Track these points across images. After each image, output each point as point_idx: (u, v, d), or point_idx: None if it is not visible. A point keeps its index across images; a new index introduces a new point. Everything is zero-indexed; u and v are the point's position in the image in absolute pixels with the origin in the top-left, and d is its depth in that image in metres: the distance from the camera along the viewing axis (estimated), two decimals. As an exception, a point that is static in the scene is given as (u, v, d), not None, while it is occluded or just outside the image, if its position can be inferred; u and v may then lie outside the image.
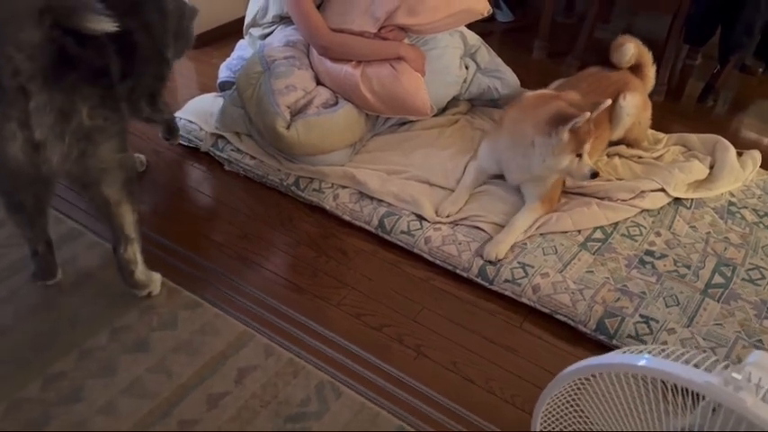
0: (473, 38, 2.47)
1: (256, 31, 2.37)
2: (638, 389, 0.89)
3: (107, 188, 1.46)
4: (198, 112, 2.32)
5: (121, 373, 1.46)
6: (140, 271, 1.62)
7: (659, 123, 2.39)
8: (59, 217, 1.86)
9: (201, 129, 2.25)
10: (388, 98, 2.16)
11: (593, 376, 0.95)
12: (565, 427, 1.10)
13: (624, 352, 0.92)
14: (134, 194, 1.54)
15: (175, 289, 1.68)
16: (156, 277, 1.67)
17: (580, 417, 1.03)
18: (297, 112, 2.10)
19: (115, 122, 1.43)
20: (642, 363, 0.88)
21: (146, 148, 2.18)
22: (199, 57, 2.74)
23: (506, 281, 1.78)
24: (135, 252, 1.59)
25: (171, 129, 2.14)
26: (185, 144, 2.25)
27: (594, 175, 1.87)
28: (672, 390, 0.85)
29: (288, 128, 2.05)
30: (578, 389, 0.99)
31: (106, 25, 1.32)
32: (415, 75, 2.19)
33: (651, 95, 2.34)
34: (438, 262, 1.86)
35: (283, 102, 2.07)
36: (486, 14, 2.28)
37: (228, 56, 2.48)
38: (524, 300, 1.75)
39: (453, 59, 2.35)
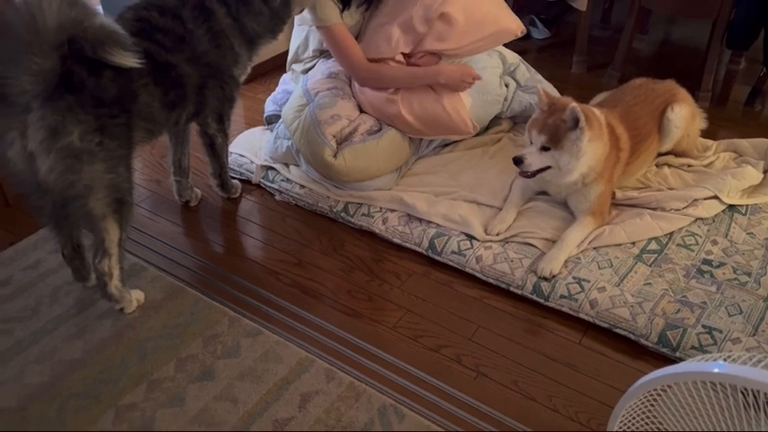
0: (512, 56, 2.49)
1: (298, 66, 2.44)
2: (717, 398, 0.88)
3: (92, 202, 1.54)
4: (247, 145, 2.39)
5: (190, 403, 1.50)
6: (113, 285, 1.68)
7: (706, 130, 2.35)
8: (121, 253, 1.93)
9: (252, 162, 2.31)
10: (429, 120, 2.20)
11: (669, 387, 0.93)
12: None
13: (699, 360, 0.91)
14: (122, 214, 1.61)
15: (236, 317, 1.72)
16: (132, 297, 1.74)
17: (658, 428, 1.01)
18: (342, 140, 2.15)
19: (111, 149, 1.52)
20: (717, 370, 0.87)
21: (200, 182, 2.25)
22: (245, 92, 2.82)
23: (562, 297, 1.76)
24: (111, 267, 1.65)
25: (224, 182, 2.19)
26: (237, 177, 2.31)
27: (516, 161, 1.89)
28: (753, 398, 0.83)
29: (335, 156, 2.10)
30: (654, 400, 0.98)
31: (129, 61, 1.45)
32: (455, 94, 2.21)
33: (696, 102, 2.30)
34: (491, 280, 1.86)
35: (329, 131, 2.12)
36: (520, 34, 2.29)
37: (273, 90, 2.55)
38: (582, 315, 1.73)
39: (493, 79, 2.37)
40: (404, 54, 2.22)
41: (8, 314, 1.72)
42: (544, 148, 1.87)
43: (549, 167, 1.90)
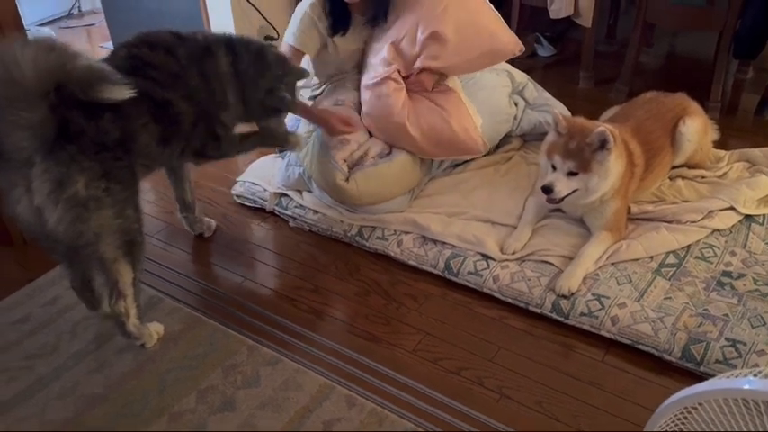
0: (520, 75, 2.50)
1: (306, 93, 2.46)
2: (750, 415, 0.86)
3: (103, 247, 1.52)
4: (260, 174, 2.40)
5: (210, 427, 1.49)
6: (131, 324, 1.67)
7: (718, 140, 2.35)
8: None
9: (265, 190, 2.32)
10: (438, 140, 2.20)
11: (700, 404, 0.92)
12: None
13: (728, 376, 0.90)
14: (134, 255, 1.60)
15: (255, 346, 1.72)
16: (151, 331, 1.73)
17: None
18: (354, 164, 2.15)
19: (117, 192, 1.50)
20: (747, 386, 0.85)
21: (214, 212, 2.27)
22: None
23: (582, 314, 1.75)
24: (127, 307, 1.64)
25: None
26: (251, 205, 2.33)
27: (545, 189, 1.87)
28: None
29: (347, 180, 2.11)
30: (685, 418, 0.96)
31: (122, 93, 1.42)
32: (464, 114, 2.21)
33: (706, 113, 2.29)
34: (509, 300, 1.85)
35: (339, 156, 2.13)
36: (518, 53, 2.27)
37: (284, 117, 2.57)
38: (603, 332, 1.71)
39: (502, 98, 2.38)
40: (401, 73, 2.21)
41: (29, 351, 1.73)
42: (571, 173, 1.86)
43: (576, 190, 1.89)
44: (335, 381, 1.62)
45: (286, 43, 2.17)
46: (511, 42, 2.23)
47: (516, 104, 2.44)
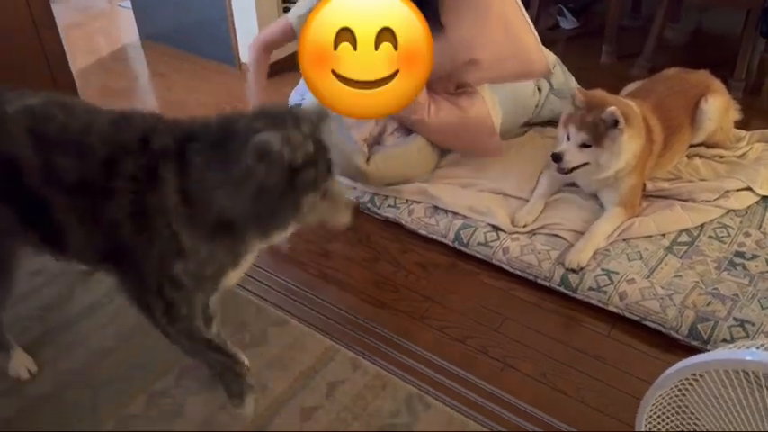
0: (549, 56, 2.43)
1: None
2: (750, 389, 0.86)
3: None
4: (274, 137, 2.39)
5: (220, 390, 1.51)
6: None
7: (739, 120, 2.30)
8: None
9: (279, 153, 2.32)
10: (457, 141, 2.19)
11: (701, 376, 0.92)
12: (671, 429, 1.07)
13: (731, 347, 0.89)
14: None
15: (263, 307, 1.74)
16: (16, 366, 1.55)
17: (689, 418, 1.00)
18: (373, 142, 2.13)
19: None
20: (749, 357, 0.85)
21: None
22: (268, 87, 2.83)
23: (591, 289, 1.75)
24: None
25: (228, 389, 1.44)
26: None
27: (555, 157, 1.87)
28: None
29: (368, 162, 2.09)
30: (686, 389, 0.97)
31: None
32: (485, 119, 2.14)
33: (729, 91, 2.25)
34: (518, 272, 1.85)
35: (359, 136, 2.10)
36: (545, 76, 2.23)
37: (297, 83, 2.55)
38: (611, 308, 1.71)
39: (527, 87, 2.33)
40: None
41: (43, 301, 1.76)
42: (584, 145, 1.84)
43: (586, 164, 1.87)
44: (341, 344, 1.64)
45: (286, 18, 2.08)
46: (542, 68, 2.18)
47: (540, 90, 2.38)
